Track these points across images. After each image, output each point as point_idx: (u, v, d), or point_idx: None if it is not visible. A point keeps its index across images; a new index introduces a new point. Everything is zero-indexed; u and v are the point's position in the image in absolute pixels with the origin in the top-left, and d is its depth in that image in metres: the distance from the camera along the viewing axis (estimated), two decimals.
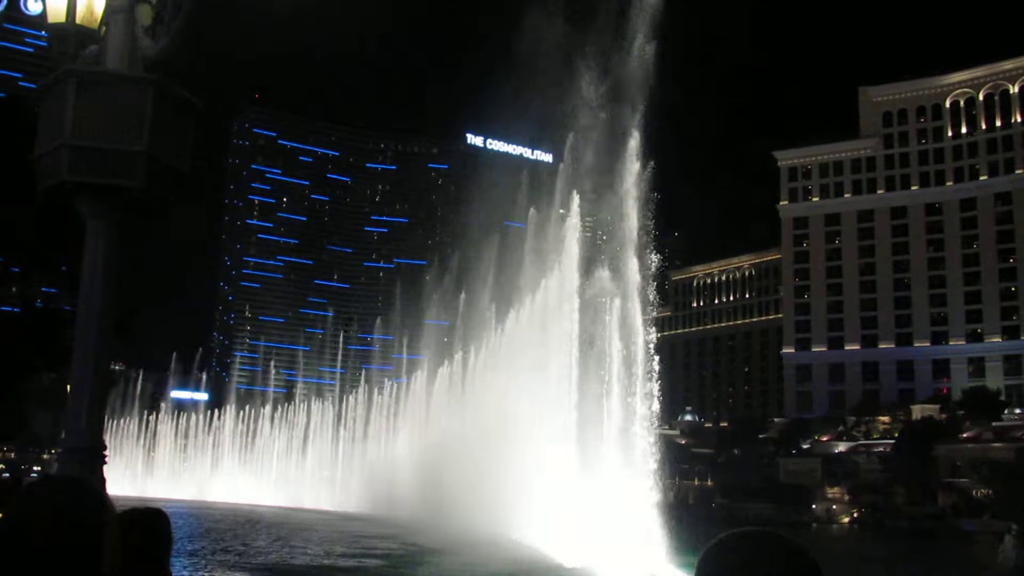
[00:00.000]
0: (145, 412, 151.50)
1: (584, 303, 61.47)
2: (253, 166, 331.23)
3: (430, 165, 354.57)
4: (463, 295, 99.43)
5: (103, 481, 7.09)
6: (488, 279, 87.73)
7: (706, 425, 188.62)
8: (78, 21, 7.35)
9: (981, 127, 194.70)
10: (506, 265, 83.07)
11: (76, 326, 7.30)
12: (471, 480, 63.54)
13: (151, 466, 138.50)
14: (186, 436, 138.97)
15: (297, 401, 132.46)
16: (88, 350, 7.19)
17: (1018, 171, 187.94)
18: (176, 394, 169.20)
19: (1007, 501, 67.60)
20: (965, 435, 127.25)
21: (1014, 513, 66.39)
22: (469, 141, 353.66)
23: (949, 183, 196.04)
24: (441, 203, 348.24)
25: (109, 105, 7.09)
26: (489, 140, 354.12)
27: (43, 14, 7.41)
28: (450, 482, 67.43)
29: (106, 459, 7.21)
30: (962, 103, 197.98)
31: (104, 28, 7.49)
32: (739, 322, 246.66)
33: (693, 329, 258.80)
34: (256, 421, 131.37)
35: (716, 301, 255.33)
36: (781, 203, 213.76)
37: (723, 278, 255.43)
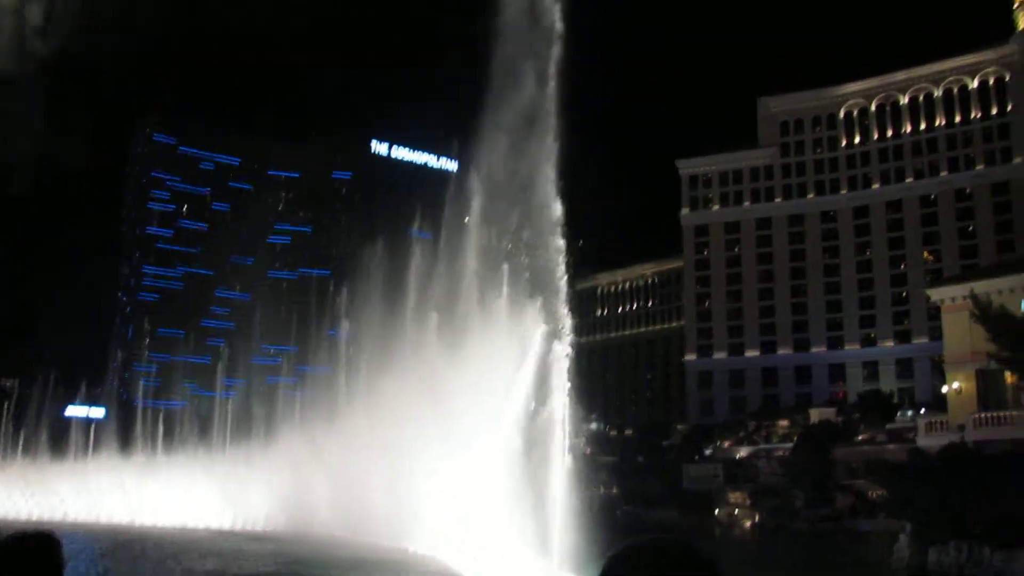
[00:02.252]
0: (40, 429, 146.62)
1: (489, 312, 61.58)
2: (152, 174, 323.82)
3: (334, 173, 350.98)
4: (368, 306, 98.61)
5: None
6: (394, 289, 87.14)
7: (611, 433, 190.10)
8: None
9: (873, 137, 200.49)
10: (413, 274, 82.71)
11: None
12: (375, 494, 63.08)
13: (44, 486, 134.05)
14: (83, 453, 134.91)
15: (196, 415, 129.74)
16: None
17: (908, 180, 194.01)
18: (71, 410, 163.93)
19: (900, 501, 69.45)
20: (860, 437, 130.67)
21: (907, 512, 68.27)
22: (373, 149, 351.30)
23: (843, 191, 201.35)
24: (345, 212, 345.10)
25: None
26: (394, 147, 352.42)
27: None
28: (357, 496, 66.81)
29: None
30: (855, 113, 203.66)
31: None
32: (643, 330, 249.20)
33: (597, 338, 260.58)
34: (154, 436, 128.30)
35: (620, 309, 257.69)
36: (683, 211, 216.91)
37: (627, 286, 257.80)
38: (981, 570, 60.05)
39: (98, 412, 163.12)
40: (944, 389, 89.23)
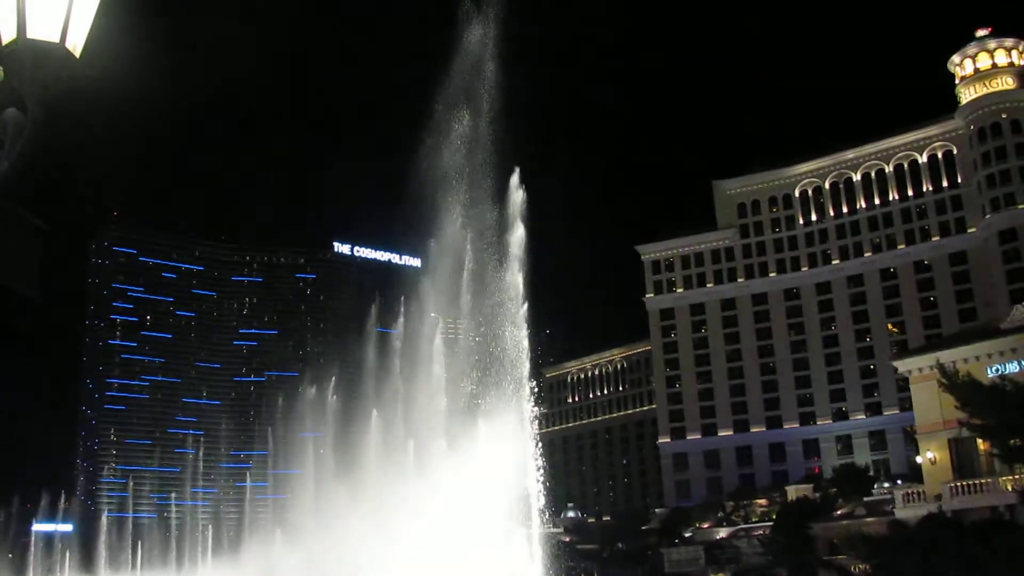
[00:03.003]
0: (7, 549, 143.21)
1: (461, 406, 61.43)
2: (114, 284, 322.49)
3: (297, 275, 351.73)
4: (337, 406, 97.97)
5: None
6: (359, 387, 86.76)
7: (589, 520, 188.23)
8: None
9: (830, 214, 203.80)
10: (379, 371, 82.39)
11: None
12: None
13: None
14: (50, 572, 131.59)
15: (166, 525, 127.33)
16: None
17: (867, 254, 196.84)
18: (39, 527, 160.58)
19: (884, 575, 68.99)
20: (838, 512, 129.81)
21: None
22: (336, 249, 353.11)
23: (804, 268, 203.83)
24: (310, 313, 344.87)
25: None
26: (356, 247, 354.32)
27: None
28: None
29: None
30: (810, 192, 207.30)
31: None
32: (615, 415, 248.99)
33: (570, 425, 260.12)
34: (121, 549, 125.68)
35: (591, 395, 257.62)
36: (647, 295, 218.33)
37: (596, 372, 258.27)
38: None
39: (66, 527, 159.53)
40: (919, 459, 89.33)
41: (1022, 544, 58.49)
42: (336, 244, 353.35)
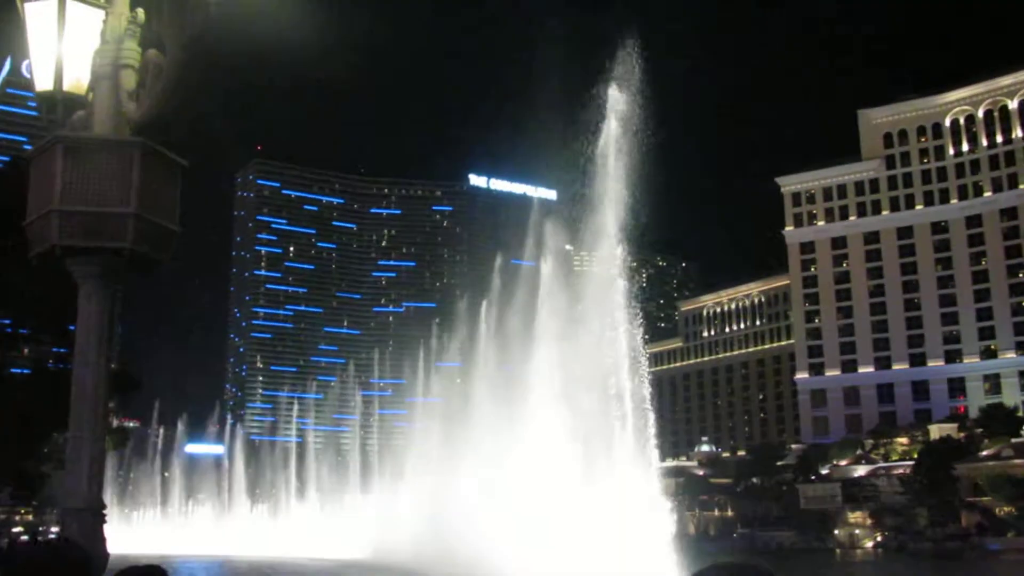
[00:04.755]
0: (160, 467, 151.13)
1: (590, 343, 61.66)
2: (258, 217, 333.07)
3: (434, 208, 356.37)
4: (475, 336, 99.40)
5: (103, 541, 7.14)
6: (497, 319, 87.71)
7: (724, 455, 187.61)
8: (65, 88, 7.51)
9: (982, 143, 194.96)
10: (515, 304, 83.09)
11: (72, 387, 7.39)
12: (478, 522, 63.29)
13: (168, 521, 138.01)
14: (201, 490, 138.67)
15: (307, 450, 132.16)
16: (84, 411, 7.28)
17: (1022, 186, 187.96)
18: (191, 448, 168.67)
19: None
20: (984, 453, 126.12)
21: None
22: (472, 182, 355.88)
23: (954, 201, 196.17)
24: (447, 245, 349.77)
25: (96, 169, 7.25)
26: (492, 180, 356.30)
27: (31, 82, 7.59)
28: (459, 525, 67.12)
29: (106, 519, 7.26)
30: (962, 120, 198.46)
31: (91, 94, 7.64)
32: (751, 350, 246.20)
33: (706, 359, 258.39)
34: (266, 472, 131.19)
35: (727, 330, 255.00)
36: (787, 228, 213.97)
37: (733, 306, 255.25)
38: None
39: (217, 449, 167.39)
40: None
41: None
42: (472, 176, 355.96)
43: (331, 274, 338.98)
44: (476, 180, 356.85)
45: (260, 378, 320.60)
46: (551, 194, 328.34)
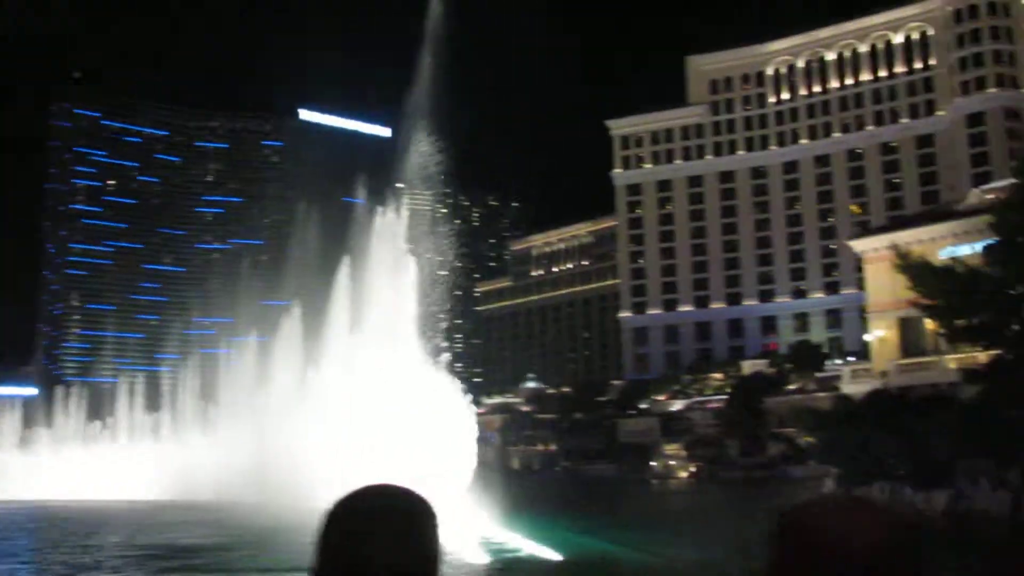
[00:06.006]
0: None
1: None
2: (76, 148, 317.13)
3: (264, 142, 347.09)
4: (303, 275, 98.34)
5: None
6: (326, 258, 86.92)
7: (549, 391, 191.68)
8: None
9: (801, 93, 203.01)
10: (345, 243, 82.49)
11: None
12: (291, 459, 63.40)
13: None
14: (11, 433, 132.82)
15: (130, 390, 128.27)
16: None
17: (835, 134, 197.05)
18: (2, 390, 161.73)
19: (828, 447, 71.44)
20: (791, 387, 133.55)
21: (834, 458, 70.23)
22: (303, 117, 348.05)
23: (773, 147, 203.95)
24: (276, 181, 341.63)
25: None
26: (324, 115, 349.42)
27: None
28: (278, 459, 67.04)
29: None
30: (783, 70, 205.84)
31: None
32: (579, 289, 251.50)
33: (534, 298, 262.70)
34: (81, 414, 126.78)
35: (556, 269, 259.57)
36: (615, 170, 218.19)
37: (562, 247, 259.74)
38: (903, 509, 62.14)
39: (29, 391, 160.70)
40: (868, 337, 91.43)
41: (960, 419, 60.60)
42: (302, 111, 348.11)
43: (154, 209, 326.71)
44: (308, 115, 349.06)
45: (76, 317, 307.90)
46: (386, 131, 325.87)
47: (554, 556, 37.68)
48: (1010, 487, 56.66)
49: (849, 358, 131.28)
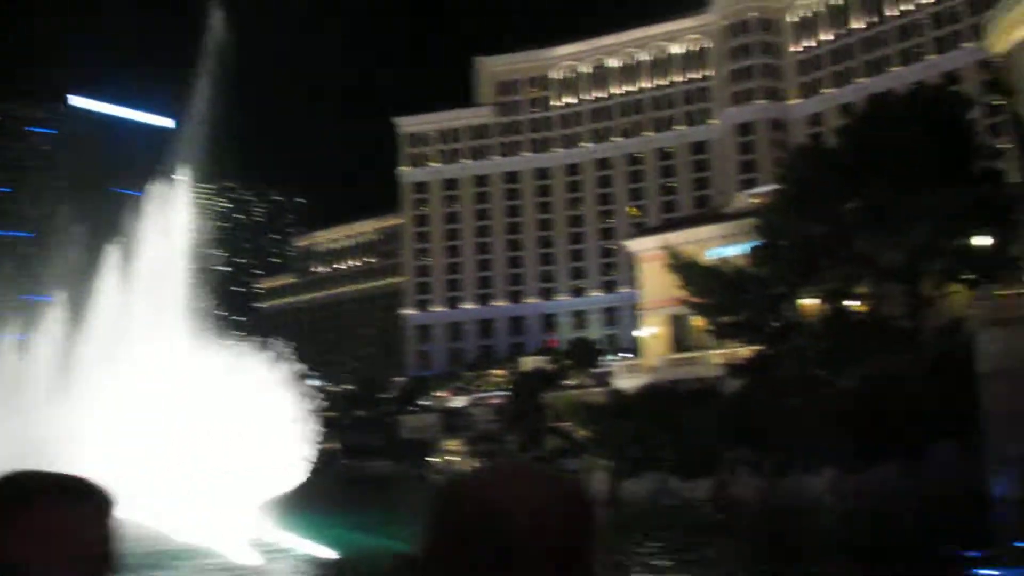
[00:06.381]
0: None
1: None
2: None
3: (33, 129, 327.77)
4: (72, 268, 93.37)
5: None
6: (97, 251, 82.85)
7: (331, 389, 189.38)
8: None
9: (584, 98, 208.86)
10: (116, 233, 78.94)
11: None
12: (50, 460, 60.25)
13: None
14: None
15: None
16: None
17: (616, 139, 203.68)
18: None
19: (601, 440, 73.86)
20: (569, 383, 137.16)
21: (607, 451, 72.55)
22: (77, 104, 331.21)
23: (556, 149, 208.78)
24: (47, 170, 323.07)
25: None
26: (101, 104, 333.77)
27: None
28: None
29: None
30: (568, 75, 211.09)
31: None
32: (363, 286, 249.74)
33: (317, 295, 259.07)
34: None
35: (340, 266, 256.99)
36: (402, 168, 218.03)
37: (348, 243, 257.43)
38: (669, 497, 65.00)
39: None
40: (640, 334, 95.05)
41: (723, 409, 63.93)
42: (77, 98, 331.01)
43: None
44: (81, 102, 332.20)
45: None
46: (169, 122, 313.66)
47: (329, 554, 37.40)
48: (766, 474, 60.22)
49: (624, 354, 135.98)
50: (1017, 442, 45.46)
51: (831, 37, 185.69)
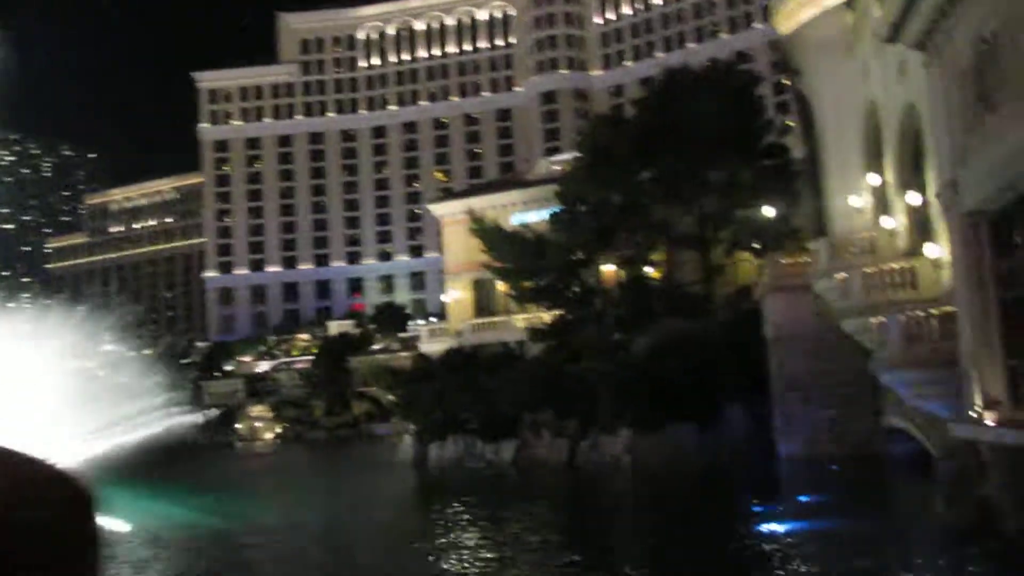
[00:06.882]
0: None
1: None
2: None
3: None
4: None
5: None
6: None
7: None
8: None
9: (390, 60, 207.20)
10: None
11: None
12: None
13: None
14: None
15: None
16: None
17: (422, 103, 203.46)
18: None
19: (407, 404, 74.62)
20: (376, 347, 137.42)
21: (413, 414, 73.37)
22: None
23: (363, 111, 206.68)
24: None
25: None
26: None
27: None
28: None
29: None
30: (374, 35, 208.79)
31: None
32: (162, 247, 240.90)
33: (113, 255, 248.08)
34: None
35: (137, 226, 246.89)
36: (201, 125, 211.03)
37: (144, 202, 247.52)
38: (475, 460, 66.49)
39: None
40: (445, 298, 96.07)
41: (525, 375, 65.60)
42: None
43: None
44: None
45: None
46: None
47: (121, 527, 36.47)
48: (567, 436, 62.36)
49: (432, 319, 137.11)
50: (801, 404, 48.90)
51: (631, 12, 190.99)
